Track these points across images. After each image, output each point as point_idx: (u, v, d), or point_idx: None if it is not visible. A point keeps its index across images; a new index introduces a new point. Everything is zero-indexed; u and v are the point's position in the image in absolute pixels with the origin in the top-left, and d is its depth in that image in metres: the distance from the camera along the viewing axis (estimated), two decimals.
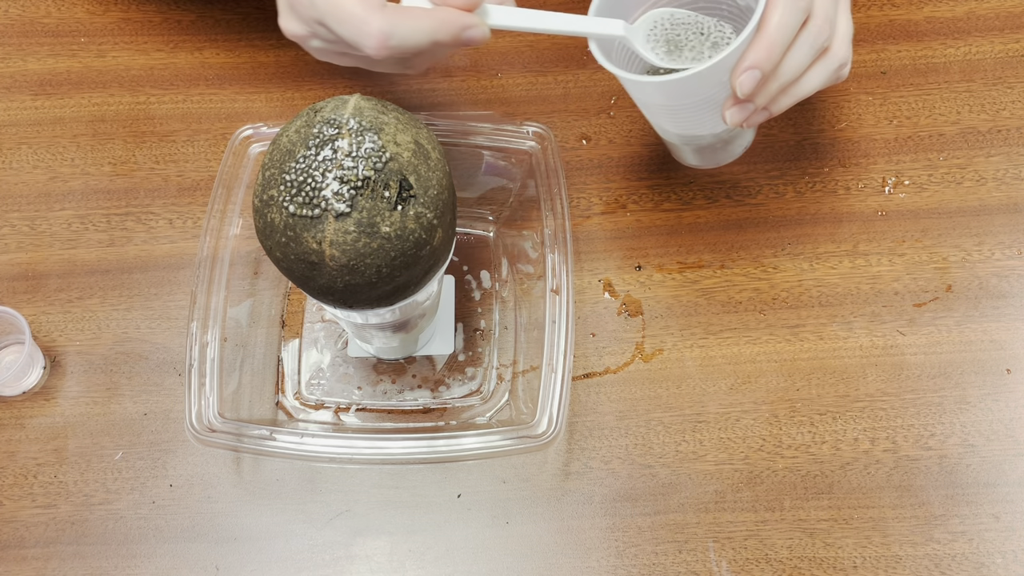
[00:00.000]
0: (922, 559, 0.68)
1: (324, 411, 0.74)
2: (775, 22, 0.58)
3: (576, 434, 0.72)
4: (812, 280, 0.75)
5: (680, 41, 0.64)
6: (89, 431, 0.73)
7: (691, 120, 0.66)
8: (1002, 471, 0.70)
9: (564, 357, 0.66)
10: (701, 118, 0.65)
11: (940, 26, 0.82)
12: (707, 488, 0.70)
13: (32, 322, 0.76)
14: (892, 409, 0.71)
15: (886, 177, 0.78)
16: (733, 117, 0.62)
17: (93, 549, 0.70)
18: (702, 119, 0.65)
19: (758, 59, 0.58)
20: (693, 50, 0.63)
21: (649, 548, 0.69)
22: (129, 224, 0.79)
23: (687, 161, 0.76)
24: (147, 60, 0.84)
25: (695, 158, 0.75)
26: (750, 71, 0.58)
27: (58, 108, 0.83)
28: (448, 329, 0.75)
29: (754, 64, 0.58)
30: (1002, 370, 0.72)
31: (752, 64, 0.58)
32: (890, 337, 0.73)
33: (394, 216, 0.52)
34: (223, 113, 0.82)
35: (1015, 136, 0.78)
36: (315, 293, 0.56)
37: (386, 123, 0.53)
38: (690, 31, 0.64)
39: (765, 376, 0.73)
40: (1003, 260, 0.75)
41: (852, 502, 0.69)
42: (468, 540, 0.70)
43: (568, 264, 0.68)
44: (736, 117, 0.62)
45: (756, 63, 0.58)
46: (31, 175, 0.81)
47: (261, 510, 0.71)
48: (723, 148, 0.73)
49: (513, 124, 0.71)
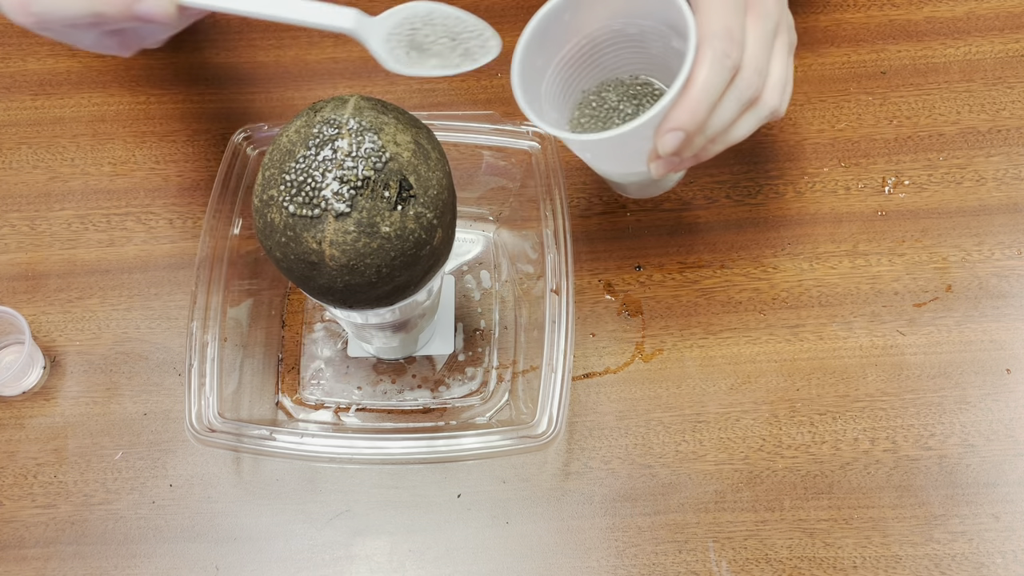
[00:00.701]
0: (922, 559, 0.68)
1: (324, 411, 0.74)
2: (700, 82, 0.55)
3: (576, 434, 0.72)
4: (812, 280, 0.75)
5: (426, 46, 0.57)
6: (89, 431, 0.73)
7: (618, 165, 0.65)
8: (1002, 471, 0.70)
9: (564, 357, 0.66)
10: (628, 164, 0.64)
11: (940, 26, 0.82)
12: (707, 488, 0.70)
13: (32, 322, 0.76)
14: (892, 409, 0.71)
15: (886, 177, 0.78)
16: (658, 169, 0.60)
17: (93, 549, 0.70)
18: (630, 165, 0.64)
19: (681, 121, 0.56)
20: (440, 57, 0.56)
21: (649, 548, 0.69)
22: (129, 224, 0.79)
23: (622, 192, 0.74)
24: (147, 60, 0.84)
25: (627, 191, 0.73)
26: (673, 132, 0.56)
27: (58, 108, 0.83)
28: (448, 329, 0.75)
29: (677, 126, 0.56)
30: (1002, 370, 0.72)
31: (675, 126, 0.56)
32: (890, 337, 0.73)
33: (394, 216, 0.52)
34: (223, 113, 0.82)
35: (1015, 136, 0.78)
36: (315, 293, 0.56)
37: (386, 123, 0.53)
38: (441, 35, 0.57)
39: (765, 376, 0.73)
40: (1003, 260, 0.75)
41: (852, 502, 0.69)
42: (468, 540, 0.70)
43: (568, 264, 0.68)
44: (661, 170, 0.60)
45: (679, 125, 0.56)
46: (31, 175, 0.81)
47: (261, 510, 0.71)
48: (654, 184, 0.71)
49: (513, 124, 0.71)
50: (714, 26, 0.56)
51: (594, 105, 0.67)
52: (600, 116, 0.67)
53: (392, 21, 0.54)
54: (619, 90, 0.67)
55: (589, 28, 0.63)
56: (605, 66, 0.66)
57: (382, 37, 0.54)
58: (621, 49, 0.65)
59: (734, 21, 0.56)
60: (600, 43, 0.65)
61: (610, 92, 0.67)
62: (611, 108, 0.66)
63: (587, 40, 0.64)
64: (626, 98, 0.67)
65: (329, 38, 0.84)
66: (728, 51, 0.56)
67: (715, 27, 0.56)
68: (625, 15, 0.62)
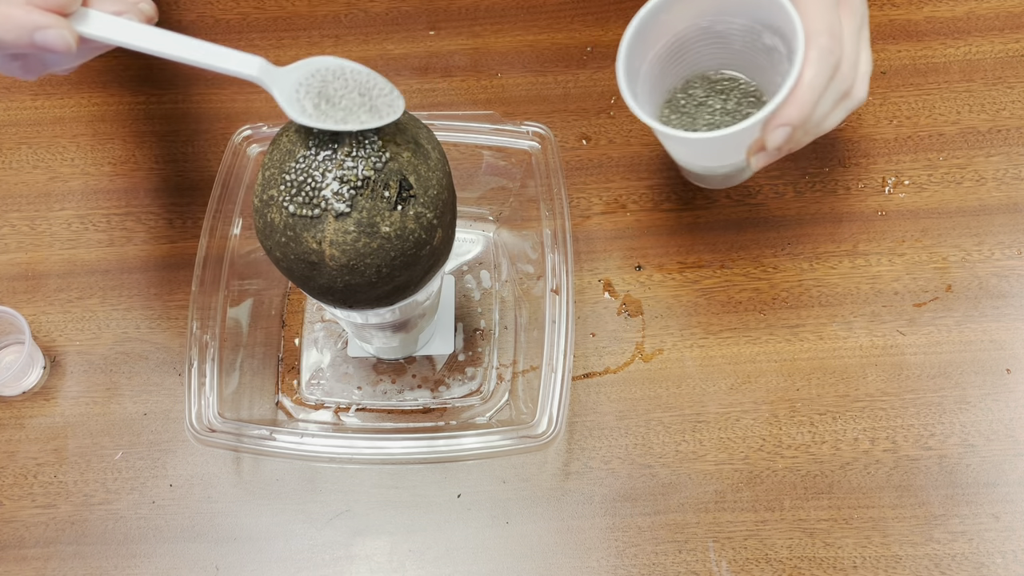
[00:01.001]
0: (922, 559, 0.68)
1: (324, 411, 0.74)
2: (808, 79, 0.59)
3: (576, 434, 0.72)
4: (812, 280, 0.75)
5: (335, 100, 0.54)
6: (89, 431, 0.73)
7: (714, 159, 0.69)
8: (1002, 471, 0.70)
9: (564, 357, 0.66)
10: (724, 158, 0.68)
11: (940, 26, 0.82)
12: (707, 488, 0.70)
13: (32, 322, 0.76)
14: (892, 409, 0.71)
15: (886, 177, 0.78)
16: (759, 162, 0.64)
17: (93, 549, 0.70)
18: (725, 158, 0.68)
19: (791, 116, 0.59)
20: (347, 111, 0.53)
21: (649, 548, 0.69)
22: (129, 224, 0.79)
23: (700, 184, 0.77)
24: (147, 60, 0.83)
25: (708, 183, 0.77)
26: (782, 128, 0.60)
27: (58, 108, 0.83)
28: (448, 329, 0.75)
29: (787, 122, 0.60)
30: (1002, 370, 0.72)
31: (784, 121, 0.60)
32: (890, 337, 0.73)
33: (394, 216, 0.52)
34: (223, 113, 0.82)
35: (1015, 136, 0.78)
36: (315, 293, 0.56)
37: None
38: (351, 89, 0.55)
39: (765, 376, 0.73)
40: (1003, 260, 0.75)
41: (852, 502, 0.69)
42: (468, 540, 0.70)
43: (568, 264, 0.68)
44: (762, 162, 0.64)
45: (789, 120, 0.60)
46: (31, 175, 0.81)
47: (261, 510, 0.71)
48: (737, 175, 0.74)
49: (513, 124, 0.71)
50: (818, 24, 0.59)
51: (682, 102, 0.70)
52: (688, 112, 0.70)
53: (299, 73, 0.54)
54: (705, 85, 0.70)
55: (679, 27, 0.66)
56: (688, 62, 0.70)
57: (289, 86, 0.54)
58: (705, 45, 0.68)
59: (834, 18, 0.59)
60: (686, 41, 0.68)
61: (696, 88, 0.70)
62: (699, 103, 0.70)
63: (675, 38, 0.67)
64: (713, 93, 0.70)
65: (329, 39, 0.84)
66: (832, 48, 0.59)
67: (819, 25, 0.59)
68: (715, 13, 0.66)
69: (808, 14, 0.59)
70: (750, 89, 0.70)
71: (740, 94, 0.70)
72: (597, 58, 0.82)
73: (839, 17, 0.60)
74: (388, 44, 0.84)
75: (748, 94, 0.70)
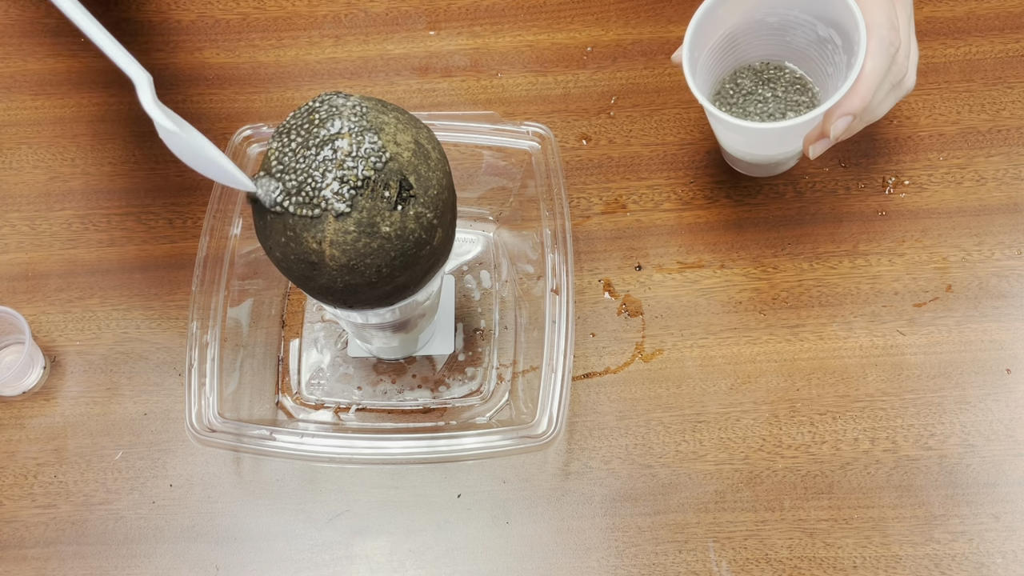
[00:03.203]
0: (922, 559, 0.68)
1: (324, 411, 0.74)
2: (869, 70, 0.61)
3: (576, 434, 0.72)
4: (812, 280, 0.75)
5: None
6: (89, 431, 0.73)
7: (769, 147, 0.71)
8: (1002, 471, 0.70)
9: (564, 357, 0.66)
10: (779, 147, 0.70)
11: (940, 26, 0.82)
12: (707, 488, 0.70)
13: (32, 322, 0.76)
14: (892, 409, 0.71)
15: (886, 177, 0.78)
16: (817, 150, 0.66)
17: (93, 549, 0.70)
18: (780, 147, 0.70)
19: (853, 106, 0.61)
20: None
21: (649, 548, 0.69)
22: (129, 224, 0.79)
23: (748, 172, 0.78)
24: (147, 60, 0.83)
25: (754, 170, 0.78)
26: (845, 117, 0.62)
27: (58, 108, 0.83)
28: (448, 329, 0.75)
29: (850, 111, 0.61)
30: (1002, 370, 0.72)
31: (848, 111, 0.61)
32: (890, 337, 0.73)
33: (394, 216, 0.52)
34: (223, 113, 0.82)
35: (1015, 136, 0.78)
36: (315, 293, 0.56)
37: (386, 123, 0.53)
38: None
39: (765, 376, 0.73)
40: (1003, 260, 0.75)
41: (852, 502, 0.69)
42: (468, 540, 0.70)
43: (568, 264, 0.68)
44: (820, 150, 0.66)
45: (851, 110, 0.61)
46: (31, 175, 0.81)
47: (261, 510, 0.71)
48: (785, 163, 0.76)
49: (513, 124, 0.71)
50: (878, 16, 0.61)
51: (731, 92, 0.72)
52: (737, 102, 0.72)
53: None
54: (752, 76, 0.72)
55: (735, 20, 0.68)
56: (738, 54, 0.71)
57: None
58: (756, 37, 0.70)
59: (891, 10, 0.61)
60: (739, 33, 0.69)
61: (744, 79, 0.72)
62: (747, 93, 0.72)
63: (729, 30, 0.69)
64: (760, 83, 0.72)
65: (329, 39, 0.84)
66: (892, 40, 0.61)
67: (879, 18, 0.61)
68: (769, 6, 0.67)
69: (868, 6, 0.61)
70: (795, 77, 0.72)
71: (786, 83, 0.72)
72: (597, 58, 0.82)
73: (895, 8, 0.62)
74: (388, 44, 0.84)
75: (793, 82, 0.72)
